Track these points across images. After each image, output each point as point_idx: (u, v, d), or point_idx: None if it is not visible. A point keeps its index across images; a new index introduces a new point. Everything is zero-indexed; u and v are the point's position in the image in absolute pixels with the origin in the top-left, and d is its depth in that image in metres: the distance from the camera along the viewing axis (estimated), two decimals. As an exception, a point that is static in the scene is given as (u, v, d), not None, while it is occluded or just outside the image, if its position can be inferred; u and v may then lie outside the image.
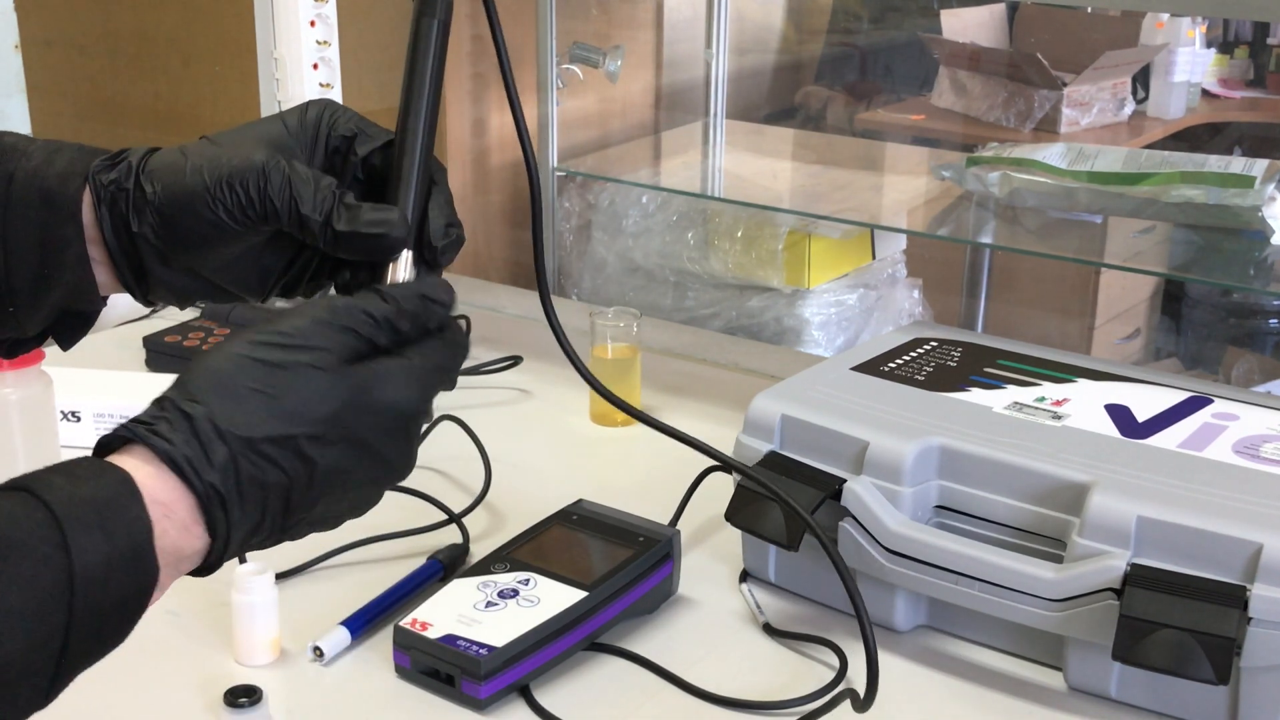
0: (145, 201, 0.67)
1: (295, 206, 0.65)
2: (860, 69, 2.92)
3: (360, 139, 0.70)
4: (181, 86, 2.32)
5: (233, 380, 0.59)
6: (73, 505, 0.53)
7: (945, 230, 2.05)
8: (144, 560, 0.55)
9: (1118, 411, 1.04)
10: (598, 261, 2.21)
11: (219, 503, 0.57)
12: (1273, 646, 0.85)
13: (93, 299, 0.70)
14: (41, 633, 0.52)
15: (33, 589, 0.52)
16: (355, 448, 0.61)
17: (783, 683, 0.96)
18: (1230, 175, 1.74)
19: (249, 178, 0.65)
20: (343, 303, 0.63)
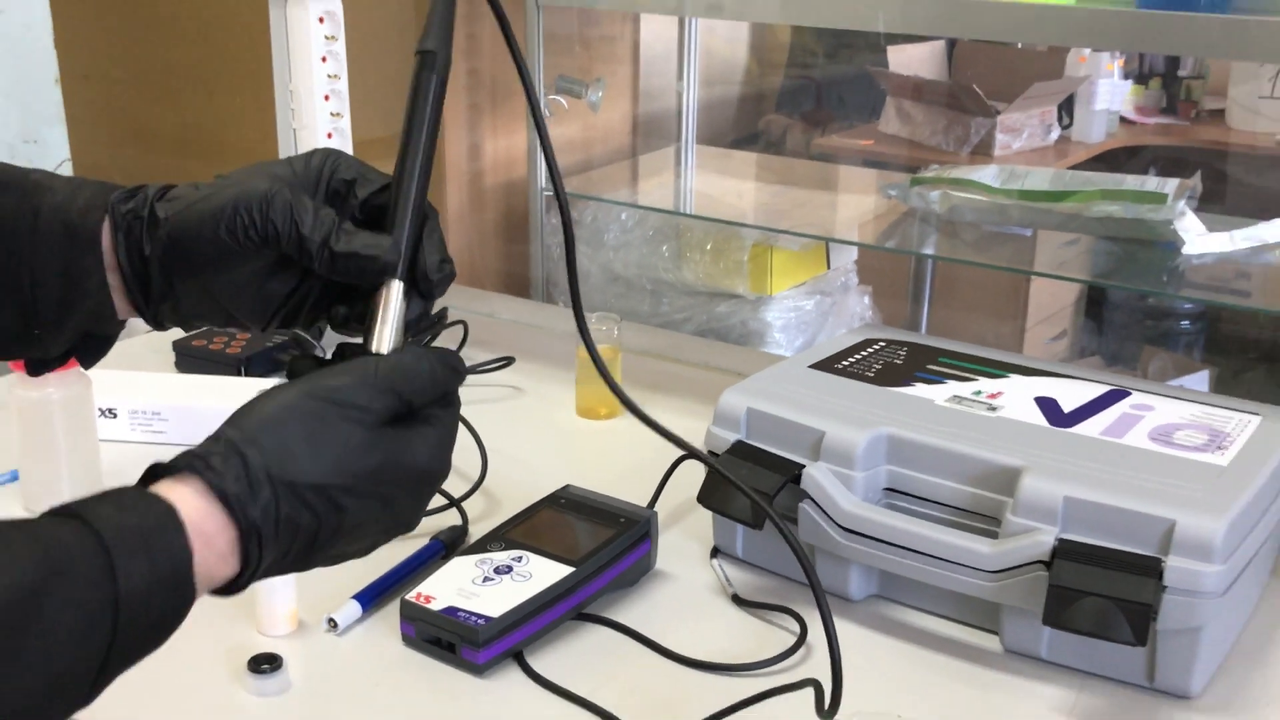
0: (158, 226, 0.66)
1: (296, 229, 0.64)
2: (816, 99, 2.92)
3: (360, 182, 0.69)
4: (205, 115, 2.31)
5: (284, 429, 0.58)
6: (121, 533, 0.53)
7: (892, 243, 2.06)
8: (183, 586, 0.55)
9: (1046, 403, 1.05)
10: (582, 272, 2.21)
11: (256, 539, 0.57)
12: (1184, 612, 0.86)
13: (112, 323, 0.70)
14: (87, 649, 0.52)
15: (82, 610, 0.51)
16: (381, 502, 0.61)
17: (749, 647, 0.96)
18: (1145, 193, 1.75)
19: (253, 202, 0.65)
20: (388, 362, 0.63)
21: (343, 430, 0.59)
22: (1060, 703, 0.90)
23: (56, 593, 0.50)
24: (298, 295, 0.69)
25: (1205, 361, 2.64)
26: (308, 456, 0.58)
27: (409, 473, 0.62)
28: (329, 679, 0.92)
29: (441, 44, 0.69)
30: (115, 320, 0.69)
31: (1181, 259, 1.70)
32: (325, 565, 0.63)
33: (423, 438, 0.62)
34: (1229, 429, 1.00)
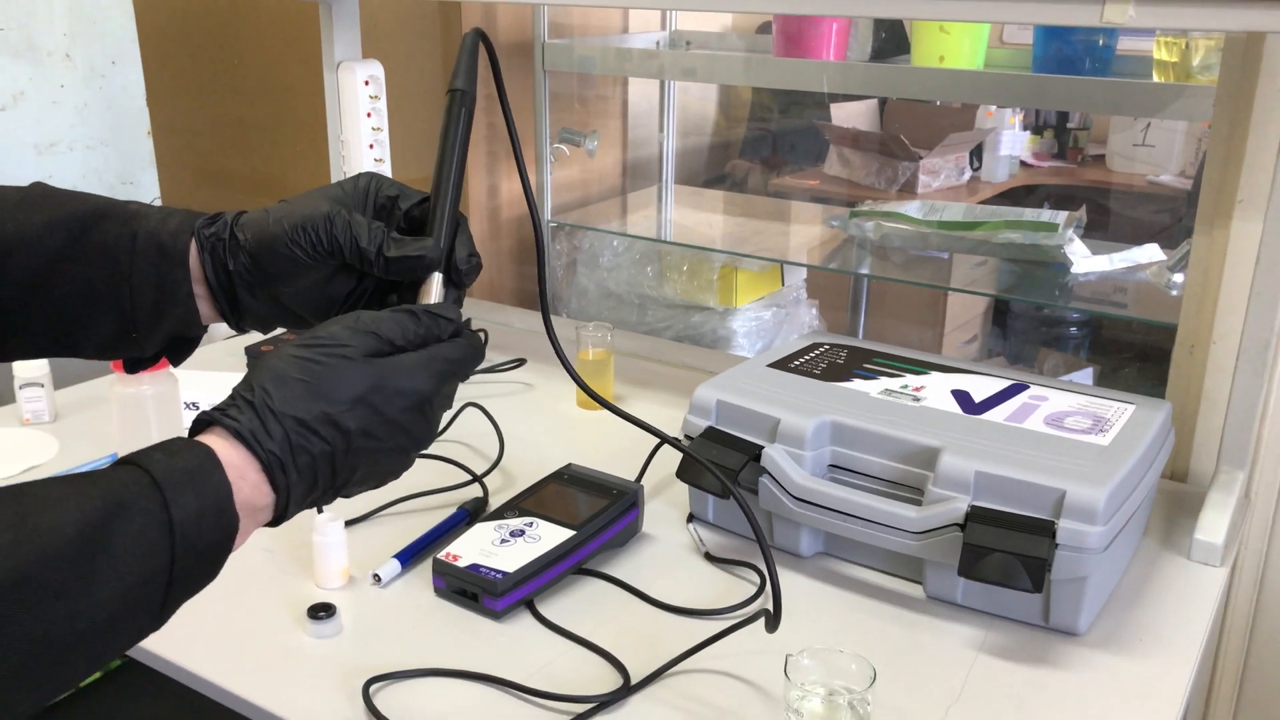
0: (238, 246, 0.67)
1: (355, 242, 0.65)
2: (772, 147, 2.92)
3: (402, 197, 0.70)
4: (272, 162, 2.30)
5: (284, 374, 0.58)
6: (170, 473, 0.53)
7: (835, 264, 2.06)
8: (226, 512, 0.55)
9: (960, 395, 1.05)
10: (581, 289, 2.20)
11: (278, 465, 0.56)
12: (1073, 565, 0.86)
13: (197, 327, 0.70)
14: (150, 570, 0.52)
15: (142, 537, 0.51)
16: (380, 420, 0.60)
17: (719, 594, 0.96)
18: (1041, 223, 1.75)
19: (318, 223, 0.66)
20: (368, 314, 0.62)
21: (332, 367, 0.59)
22: (972, 639, 0.90)
23: (120, 523, 0.51)
24: (355, 295, 0.70)
25: (1090, 360, 2.64)
26: (305, 392, 0.58)
27: (399, 392, 0.60)
28: (374, 624, 0.92)
29: (469, 83, 0.69)
30: (199, 325, 0.70)
31: (1070, 277, 1.70)
32: (365, 489, 0.62)
33: (403, 362, 0.61)
34: (1109, 415, 1.01)
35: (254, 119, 2.28)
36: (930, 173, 2.50)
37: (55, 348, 0.69)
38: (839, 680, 0.75)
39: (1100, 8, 0.89)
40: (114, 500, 0.51)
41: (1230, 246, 1.14)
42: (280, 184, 2.31)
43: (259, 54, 2.21)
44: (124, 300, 0.67)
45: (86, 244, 0.66)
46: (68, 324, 0.67)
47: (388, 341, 0.61)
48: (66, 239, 0.66)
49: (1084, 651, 0.89)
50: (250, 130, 2.30)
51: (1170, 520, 1.10)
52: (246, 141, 2.32)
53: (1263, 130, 1.09)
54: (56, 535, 0.49)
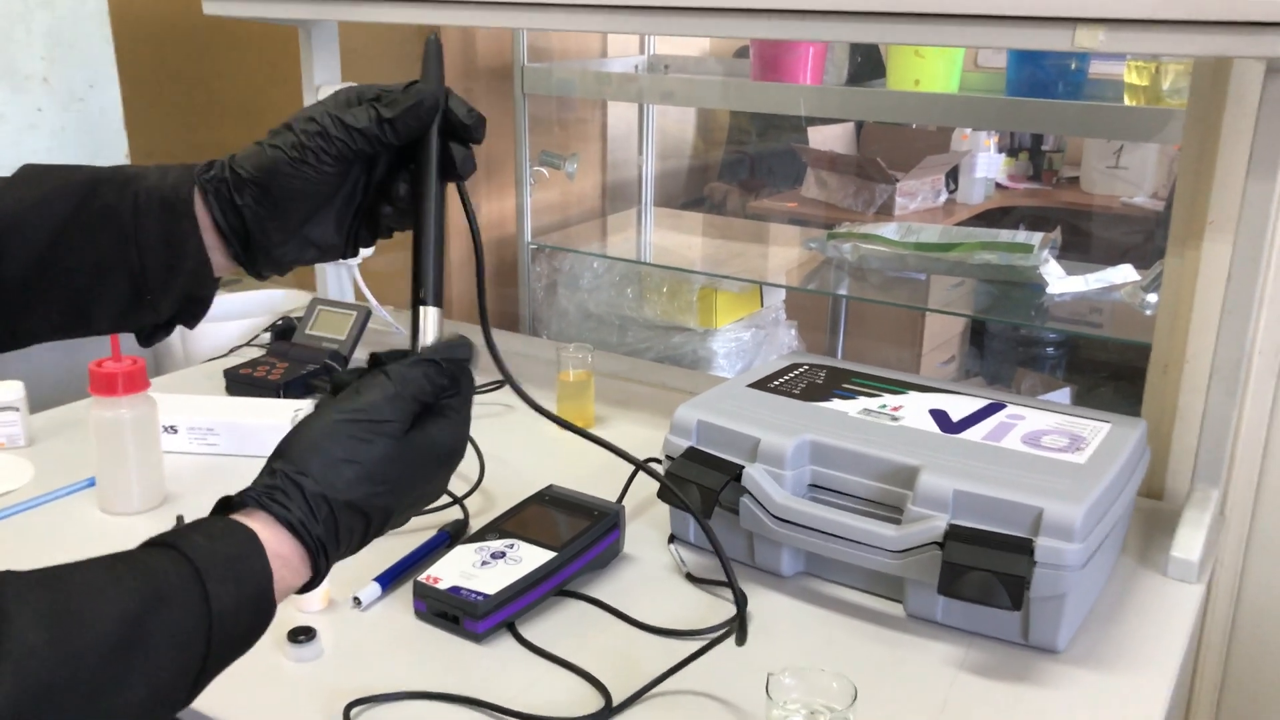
0: (243, 181, 0.66)
1: (352, 130, 0.64)
2: (750, 170, 2.94)
3: (384, 98, 0.67)
4: (251, 184, 2.30)
5: (329, 453, 0.59)
6: (212, 561, 0.53)
7: (813, 285, 2.07)
8: (265, 601, 0.55)
9: (938, 414, 1.05)
10: (561, 310, 2.21)
11: (323, 551, 0.57)
12: (1051, 582, 0.86)
13: (209, 283, 0.68)
14: (184, 664, 0.51)
15: (180, 631, 0.51)
16: (416, 491, 0.62)
17: (700, 615, 0.96)
18: (1016, 244, 1.76)
19: (310, 131, 0.65)
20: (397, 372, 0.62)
21: (377, 445, 0.59)
22: (952, 658, 0.91)
23: (159, 617, 0.50)
24: (368, 193, 0.69)
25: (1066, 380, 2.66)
26: (352, 474, 0.58)
27: (434, 461, 0.62)
28: (355, 647, 0.92)
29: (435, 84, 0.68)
30: (212, 280, 0.68)
31: (1046, 297, 1.72)
32: None
33: (440, 428, 0.62)
34: (1085, 434, 1.01)
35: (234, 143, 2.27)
36: (907, 195, 2.52)
37: (71, 325, 0.67)
38: (820, 699, 0.75)
39: (1072, 33, 0.90)
40: (154, 592, 0.50)
41: (1202, 267, 1.16)
42: (259, 207, 2.30)
43: (238, 77, 2.21)
44: (133, 263, 0.65)
45: (87, 212, 0.65)
46: (79, 296, 0.65)
47: (422, 404, 0.63)
48: (67, 210, 0.64)
49: (1063, 669, 0.89)
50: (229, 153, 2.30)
51: (1147, 538, 1.11)
52: (225, 165, 2.32)
53: (1231, 153, 1.11)
54: (93, 633, 0.48)
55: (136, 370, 1.10)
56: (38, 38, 1.56)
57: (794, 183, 2.72)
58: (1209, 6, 0.86)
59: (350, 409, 0.60)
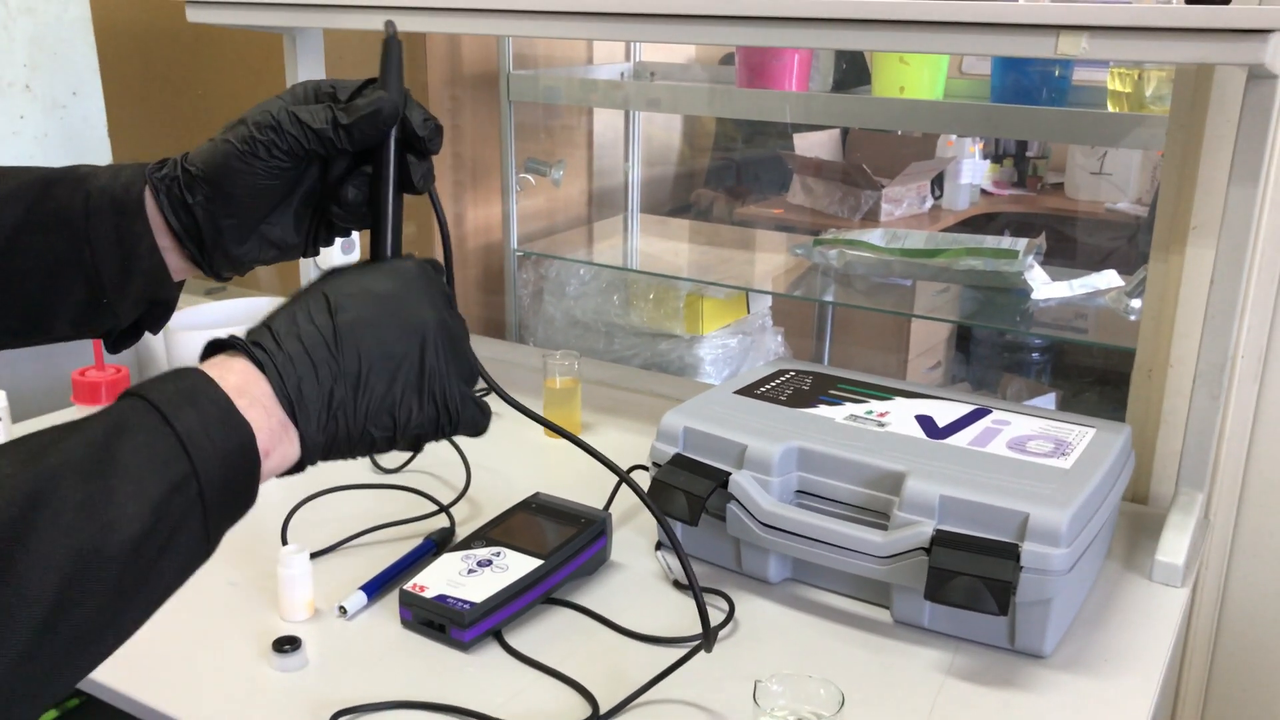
0: (193, 179, 0.64)
1: (307, 127, 0.63)
2: (736, 176, 2.94)
3: (340, 89, 0.66)
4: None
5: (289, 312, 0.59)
6: (164, 394, 0.52)
7: (799, 291, 2.08)
8: (233, 417, 0.53)
9: (924, 420, 1.06)
10: (548, 317, 2.21)
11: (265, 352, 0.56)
12: (1037, 587, 0.87)
13: (169, 285, 0.67)
14: (172, 480, 0.50)
15: (151, 450, 0.50)
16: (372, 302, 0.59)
17: (687, 623, 0.96)
18: (1001, 250, 1.77)
19: (266, 126, 0.63)
20: None
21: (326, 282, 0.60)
22: (939, 663, 0.91)
23: (124, 440, 0.50)
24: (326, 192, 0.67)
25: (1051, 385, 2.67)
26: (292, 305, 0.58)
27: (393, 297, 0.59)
28: (340, 656, 0.91)
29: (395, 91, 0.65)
30: (171, 282, 0.67)
31: (1031, 303, 1.72)
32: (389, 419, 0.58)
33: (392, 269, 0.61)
34: (1071, 439, 1.02)
35: (218, 150, 2.27)
36: (893, 201, 2.53)
37: (28, 331, 0.66)
38: (808, 705, 0.75)
39: (1055, 40, 0.91)
40: (112, 424, 0.50)
41: (1185, 272, 1.17)
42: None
43: (223, 85, 2.20)
44: (87, 264, 0.64)
45: (40, 213, 0.63)
46: (35, 300, 0.64)
47: None
48: (19, 211, 0.63)
49: (1050, 673, 0.89)
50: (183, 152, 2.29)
51: (1132, 542, 1.11)
52: (210, 172, 2.31)
53: (1213, 159, 1.12)
54: (64, 456, 0.48)
55: (120, 379, 1.10)
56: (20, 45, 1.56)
57: (780, 189, 2.73)
58: (1191, 15, 0.87)
59: None
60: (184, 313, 1.73)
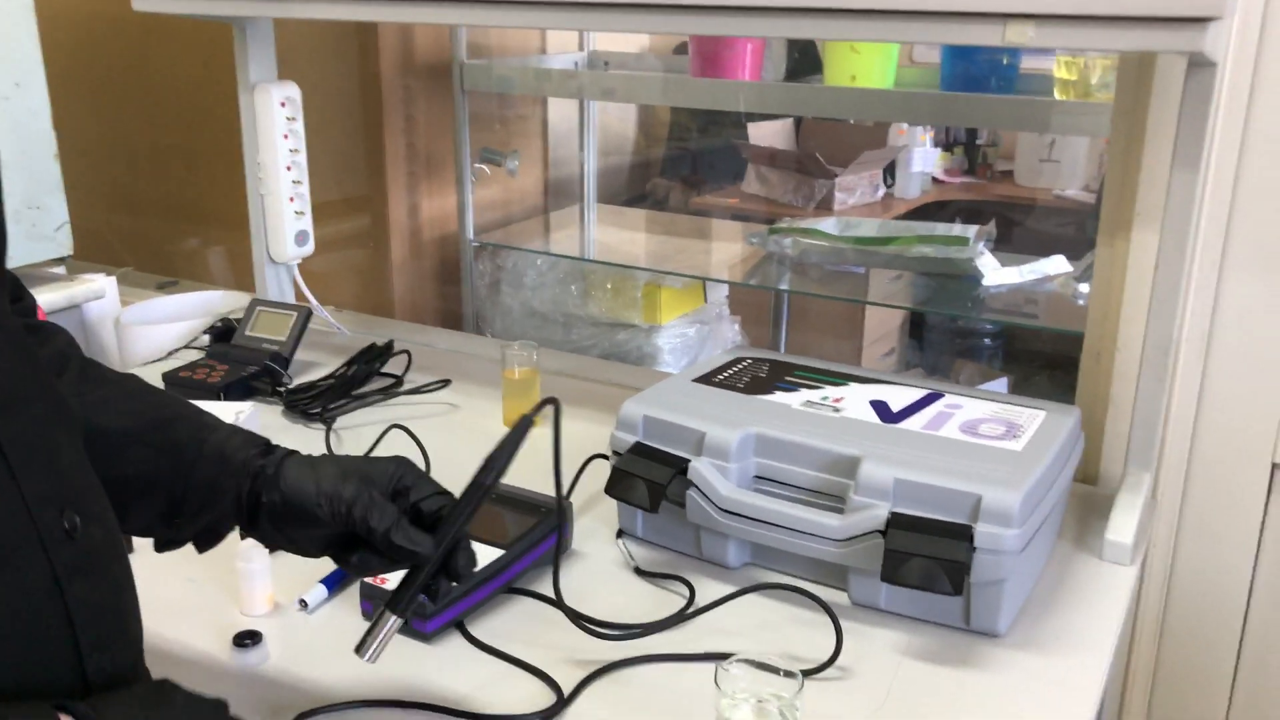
0: (276, 486, 0.75)
1: (367, 520, 0.73)
2: (692, 166, 2.95)
3: (415, 489, 0.76)
4: (187, 185, 2.26)
5: None
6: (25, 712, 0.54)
7: (755, 280, 2.09)
8: None
9: (879, 405, 1.07)
10: (505, 308, 2.20)
11: None
12: (991, 567, 0.88)
13: (229, 527, 0.78)
14: None
15: None
16: None
17: (649, 608, 0.96)
18: (952, 237, 1.80)
19: (344, 498, 0.73)
20: None
21: None
22: (896, 643, 0.92)
23: None
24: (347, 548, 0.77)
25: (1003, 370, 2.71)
26: None
27: None
28: (302, 650, 0.91)
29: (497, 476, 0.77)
30: (233, 524, 0.77)
31: (982, 289, 1.75)
32: None
33: None
34: (1022, 422, 1.04)
35: (168, 142, 2.24)
36: (845, 190, 2.55)
37: None
38: (768, 688, 0.75)
39: (1002, 28, 0.92)
40: None
41: (1131, 257, 1.19)
42: (196, 208, 2.27)
43: (172, 76, 2.17)
44: (178, 491, 0.75)
45: (156, 438, 0.75)
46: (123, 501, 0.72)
47: None
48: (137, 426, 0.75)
49: (1004, 652, 0.91)
50: (164, 154, 2.26)
51: (1082, 522, 1.14)
52: (160, 165, 2.28)
53: (1156, 145, 1.14)
54: None
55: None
56: (-39, 36, 1.52)
57: (735, 179, 2.74)
58: (1133, 2, 0.88)
59: None
60: (136, 307, 1.70)
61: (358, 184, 2.09)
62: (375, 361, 1.50)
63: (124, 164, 2.31)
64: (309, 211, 1.66)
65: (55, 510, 0.62)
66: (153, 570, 1.01)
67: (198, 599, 0.97)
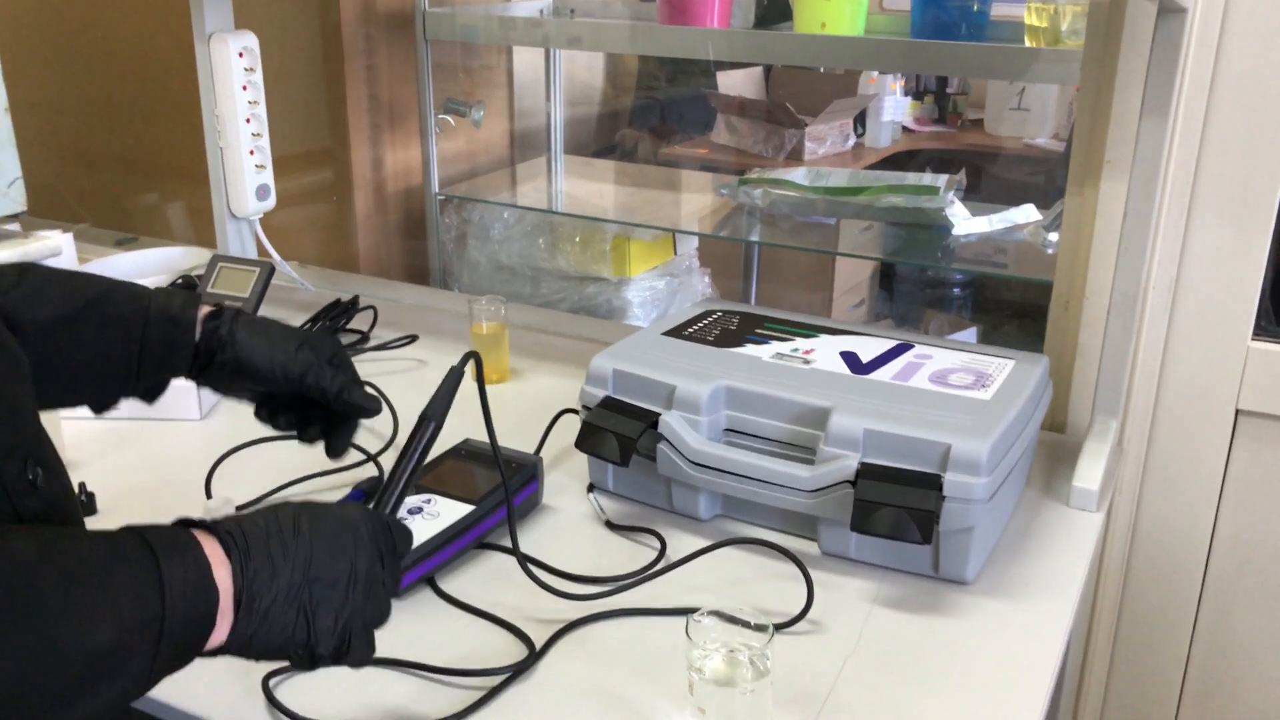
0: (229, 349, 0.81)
1: (321, 384, 0.82)
2: (661, 116, 2.92)
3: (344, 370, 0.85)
4: (143, 139, 2.21)
5: None
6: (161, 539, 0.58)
7: (725, 232, 2.08)
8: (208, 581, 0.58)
9: (849, 356, 1.07)
10: (472, 262, 2.18)
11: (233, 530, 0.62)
12: (960, 516, 0.89)
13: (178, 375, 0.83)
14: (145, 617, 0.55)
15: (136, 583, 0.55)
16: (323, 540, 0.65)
17: (621, 561, 0.97)
18: (923, 186, 1.79)
19: (298, 362, 0.82)
20: None
21: None
22: (867, 592, 0.93)
23: (117, 567, 0.55)
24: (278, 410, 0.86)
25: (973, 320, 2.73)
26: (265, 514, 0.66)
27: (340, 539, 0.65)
28: (271, 608, 0.90)
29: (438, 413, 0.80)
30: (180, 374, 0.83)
31: (952, 239, 1.75)
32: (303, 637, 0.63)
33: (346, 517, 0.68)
34: (991, 371, 1.04)
35: (123, 95, 2.19)
36: (816, 139, 2.54)
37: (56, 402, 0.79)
38: (739, 639, 0.76)
39: (972, -26, 0.91)
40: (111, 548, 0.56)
41: (1100, 205, 1.19)
42: (152, 162, 2.22)
43: (126, 27, 2.12)
44: (133, 359, 0.79)
45: (96, 314, 0.78)
46: (70, 381, 0.78)
47: None
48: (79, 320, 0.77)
49: (973, 599, 0.92)
50: (119, 107, 2.21)
51: (1050, 470, 1.15)
52: (116, 119, 2.23)
53: (1126, 93, 1.14)
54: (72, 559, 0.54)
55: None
56: (-98, -16, 1.47)
57: (704, 129, 2.72)
58: (1104, -53, 0.88)
59: None
60: (94, 264, 1.67)
61: (319, 137, 2.06)
62: (340, 318, 1.49)
63: (78, 118, 2.26)
64: (270, 165, 1.63)
65: (19, 461, 0.62)
66: (118, 531, 1.00)
67: (165, 559, 0.97)
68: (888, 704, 0.79)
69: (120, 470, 1.13)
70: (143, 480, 1.11)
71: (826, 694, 0.80)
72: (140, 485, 1.10)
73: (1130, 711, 1.38)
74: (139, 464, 1.15)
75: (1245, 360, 1.20)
